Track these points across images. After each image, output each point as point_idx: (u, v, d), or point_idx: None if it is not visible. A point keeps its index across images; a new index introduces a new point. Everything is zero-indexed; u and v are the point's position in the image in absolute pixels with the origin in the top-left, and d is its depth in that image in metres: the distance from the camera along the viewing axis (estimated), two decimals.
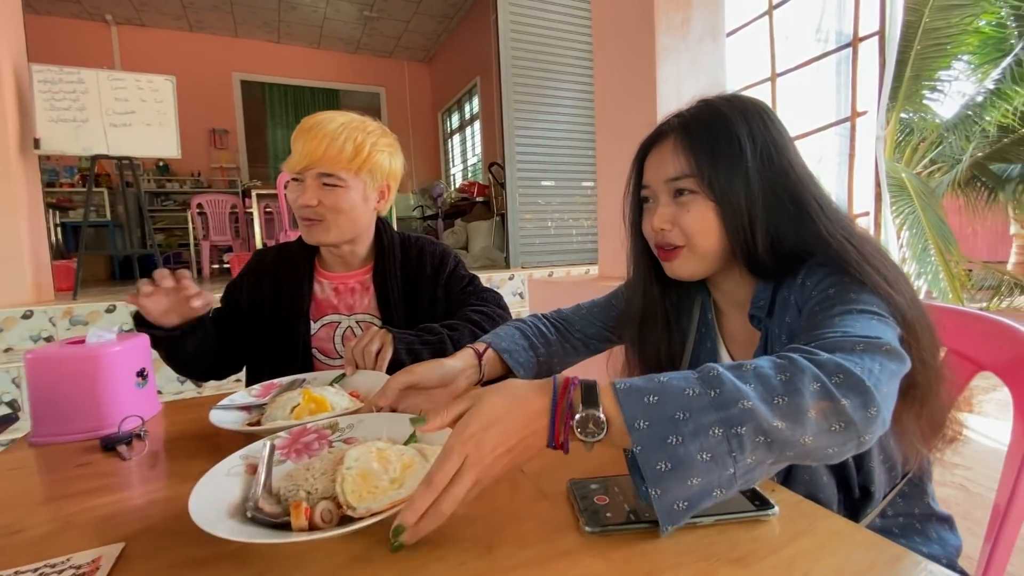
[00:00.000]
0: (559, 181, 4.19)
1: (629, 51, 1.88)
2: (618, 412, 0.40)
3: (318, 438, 0.54)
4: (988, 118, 5.33)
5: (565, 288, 2.10)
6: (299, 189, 0.94)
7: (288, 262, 1.06)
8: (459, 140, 7.68)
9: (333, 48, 7.41)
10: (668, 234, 0.65)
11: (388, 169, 1.00)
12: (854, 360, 0.41)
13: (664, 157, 0.64)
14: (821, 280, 0.56)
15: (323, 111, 0.95)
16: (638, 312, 0.76)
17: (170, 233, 6.57)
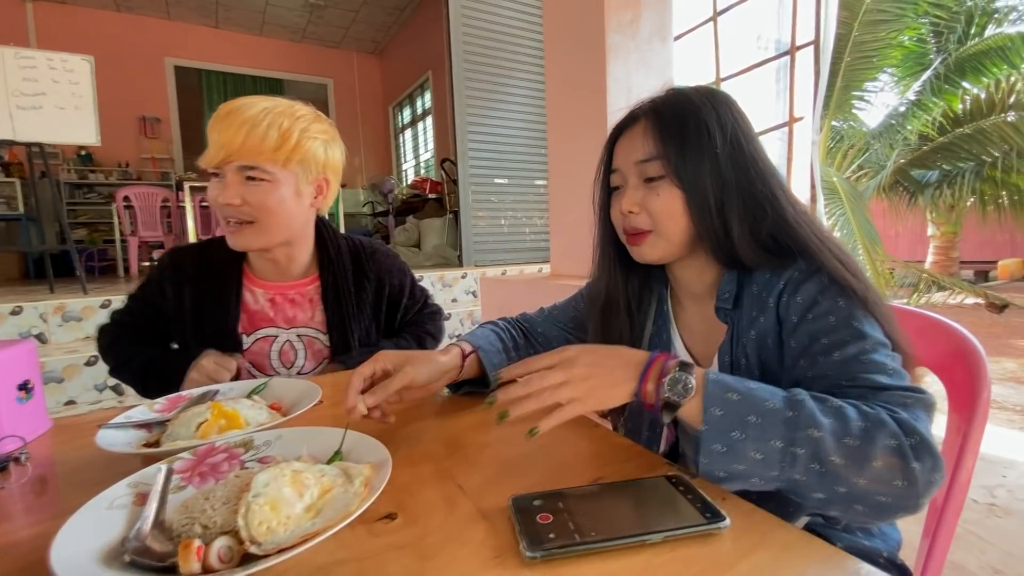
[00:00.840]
0: (512, 179, 4.16)
1: (579, 47, 1.87)
2: (702, 393, 0.45)
3: (228, 459, 0.47)
4: (909, 127, 5.75)
5: (517, 287, 2.07)
6: (219, 186, 0.83)
7: (213, 269, 0.94)
8: (411, 135, 7.52)
9: (276, 36, 7.07)
10: (636, 218, 0.64)
11: (324, 160, 0.90)
12: (918, 418, 0.44)
13: (634, 140, 0.64)
14: (815, 301, 0.55)
15: (245, 96, 0.84)
16: (602, 298, 0.75)
17: (94, 228, 6.06)
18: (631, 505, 0.41)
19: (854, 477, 0.41)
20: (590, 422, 0.62)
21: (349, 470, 0.45)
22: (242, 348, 0.93)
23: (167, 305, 0.93)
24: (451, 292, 3.54)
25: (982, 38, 5.62)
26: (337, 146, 0.93)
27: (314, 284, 0.97)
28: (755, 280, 0.61)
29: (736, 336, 0.63)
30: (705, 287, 0.68)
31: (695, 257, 0.67)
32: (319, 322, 0.96)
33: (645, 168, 0.63)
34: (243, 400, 0.60)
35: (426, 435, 0.60)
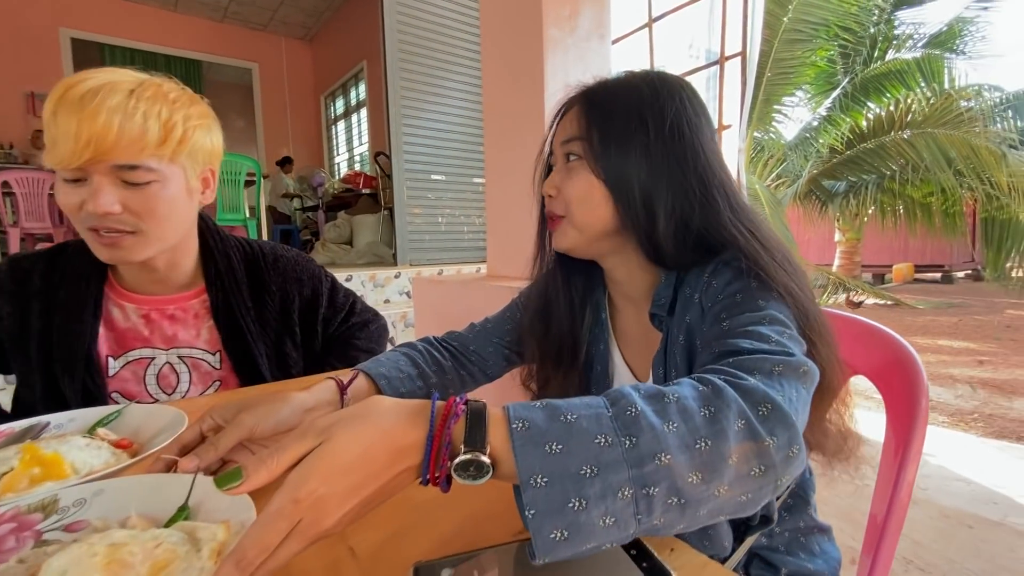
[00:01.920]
0: (450, 176, 4.04)
1: (517, 41, 1.80)
2: (511, 457, 0.30)
3: (16, 530, 0.34)
4: (821, 141, 6.21)
5: (452, 288, 1.97)
6: (83, 192, 0.66)
7: (67, 281, 0.76)
8: (344, 127, 7.18)
9: (194, 13, 6.50)
10: (552, 201, 0.61)
11: (211, 149, 0.76)
12: (776, 387, 0.36)
13: (566, 121, 0.60)
14: (729, 283, 0.50)
15: (85, 71, 0.66)
16: (542, 295, 0.69)
17: None
18: (562, 568, 0.34)
19: (715, 488, 0.31)
20: None
21: (197, 532, 0.34)
22: (106, 374, 0.77)
23: (2, 326, 0.75)
24: (383, 292, 3.37)
25: (884, 61, 6.17)
26: (218, 130, 0.79)
27: (200, 298, 0.83)
28: (688, 282, 0.56)
29: (671, 345, 0.57)
30: (641, 290, 0.63)
31: (625, 255, 0.61)
32: (206, 341, 0.82)
33: (567, 148, 0.59)
34: (76, 438, 0.46)
35: None
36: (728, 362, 0.39)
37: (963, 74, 5.81)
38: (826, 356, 0.49)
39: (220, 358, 0.82)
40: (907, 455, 0.57)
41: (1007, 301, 6.23)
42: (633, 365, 0.66)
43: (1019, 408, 2.66)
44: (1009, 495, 1.68)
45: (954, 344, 4.19)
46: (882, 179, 5.96)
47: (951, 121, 4.81)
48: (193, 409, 0.69)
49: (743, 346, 0.41)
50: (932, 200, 5.85)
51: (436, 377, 0.68)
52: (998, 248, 5.19)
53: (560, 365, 0.67)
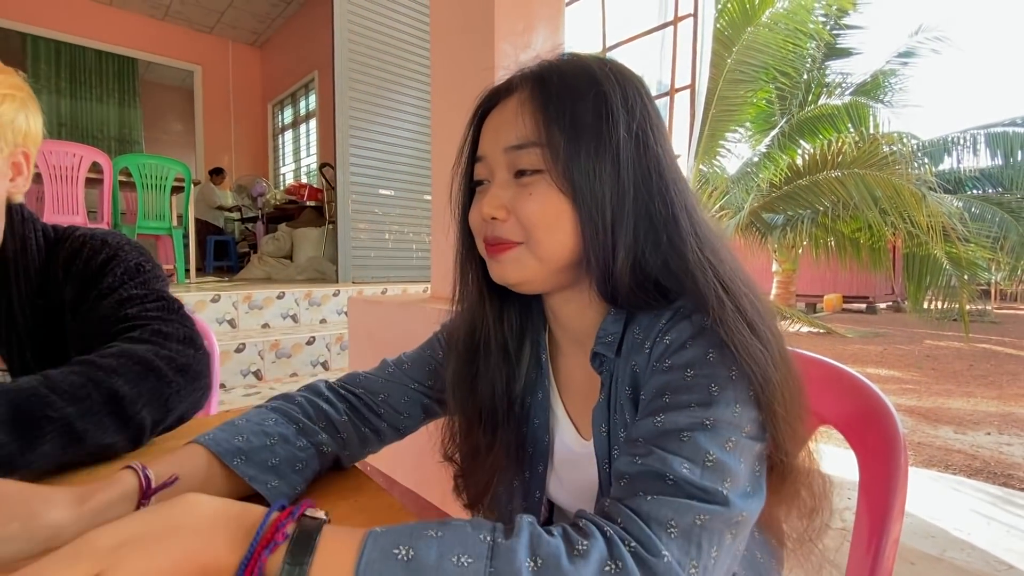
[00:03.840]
0: (399, 191, 3.91)
1: (468, 54, 1.73)
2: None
3: None
4: (761, 176, 6.53)
5: (390, 310, 1.83)
6: None
7: None
8: (292, 137, 6.91)
9: (132, 8, 6.12)
10: (500, 226, 0.46)
11: (25, 128, 0.61)
12: (689, 559, 0.31)
13: (507, 118, 0.46)
14: (683, 345, 0.41)
15: None
16: (465, 338, 0.55)
17: None
18: None
19: None
20: None
21: None
22: None
23: None
24: (320, 312, 3.15)
25: (816, 105, 6.62)
26: (37, 109, 0.64)
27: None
28: (639, 322, 0.46)
29: (614, 396, 0.47)
30: (589, 330, 0.51)
31: (577, 288, 0.49)
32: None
33: (517, 158, 0.45)
34: None
35: None
36: (646, 500, 0.33)
37: (886, 120, 6.33)
38: (788, 430, 0.40)
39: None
40: (888, 518, 0.50)
41: (926, 332, 6.71)
42: (576, 418, 0.54)
43: (944, 436, 2.77)
44: (944, 527, 1.70)
45: (881, 372, 4.40)
46: (816, 214, 6.32)
47: (877, 163, 5.17)
48: None
49: (671, 472, 0.34)
50: (860, 235, 6.26)
51: (326, 434, 0.51)
52: (918, 282, 5.58)
53: (491, 429, 0.54)
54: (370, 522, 0.30)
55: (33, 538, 0.30)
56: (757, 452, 0.38)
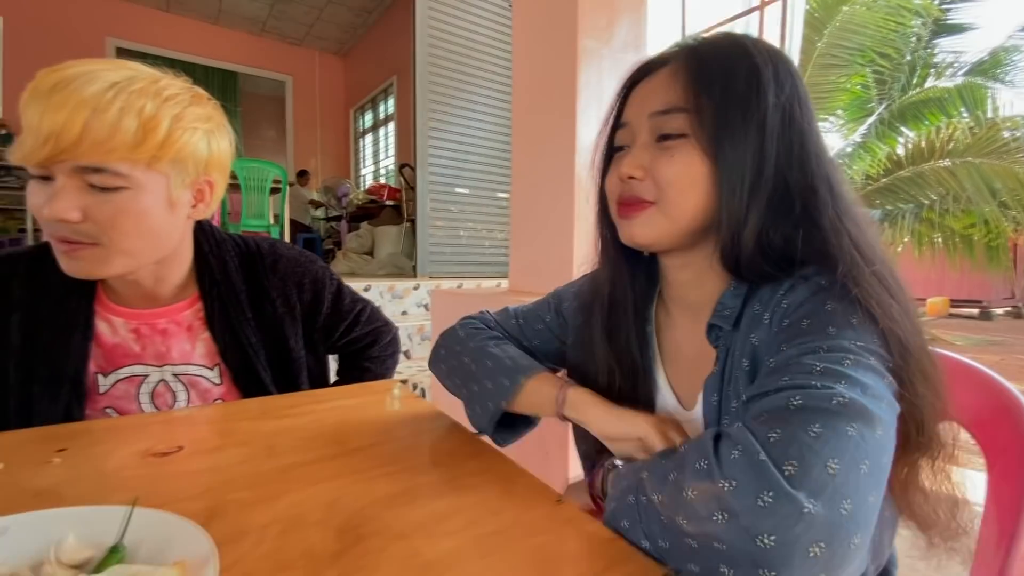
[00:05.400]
0: (473, 189, 4.01)
1: (549, 50, 1.75)
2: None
3: None
4: (855, 167, 6.03)
5: (473, 301, 1.90)
6: (46, 193, 0.57)
7: (54, 290, 0.67)
8: (372, 140, 7.28)
9: (234, 27, 6.71)
10: (637, 186, 0.49)
11: (207, 156, 0.66)
12: (800, 440, 0.32)
13: (655, 86, 0.50)
14: (801, 304, 0.42)
15: (71, 60, 0.59)
16: (608, 294, 0.59)
17: (9, 215, 5.45)
18: None
19: (678, 518, 0.34)
20: (545, 494, 0.45)
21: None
22: (96, 392, 0.70)
23: None
24: (402, 304, 3.32)
25: (922, 89, 6.00)
26: (224, 135, 0.70)
27: (193, 308, 0.74)
28: (759, 297, 0.47)
29: (729, 368, 0.48)
30: (705, 298, 0.52)
31: (698, 253, 0.51)
32: (202, 356, 0.74)
33: (662, 122, 0.48)
34: None
35: (314, 511, 0.41)
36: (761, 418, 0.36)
37: (1008, 103, 5.60)
38: (927, 401, 0.39)
39: (219, 372, 0.75)
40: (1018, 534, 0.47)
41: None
42: (679, 388, 0.56)
43: None
44: None
45: None
46: (920, 208, 5.74)
47: (996, 151, 4.62)
48: (165, 421, 0.62)
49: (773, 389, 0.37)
50: (974, 232, 5.61)
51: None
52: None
53: (632, 382, 0.57)
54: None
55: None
56: (889, 384, 0.37)
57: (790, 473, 0.30)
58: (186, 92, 0.65)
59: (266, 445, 0.53)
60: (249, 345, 0.74)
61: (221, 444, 0.54)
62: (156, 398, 0.72)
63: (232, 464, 0.48)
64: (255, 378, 0.75)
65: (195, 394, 0.74)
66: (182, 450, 0.51)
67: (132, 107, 0.58)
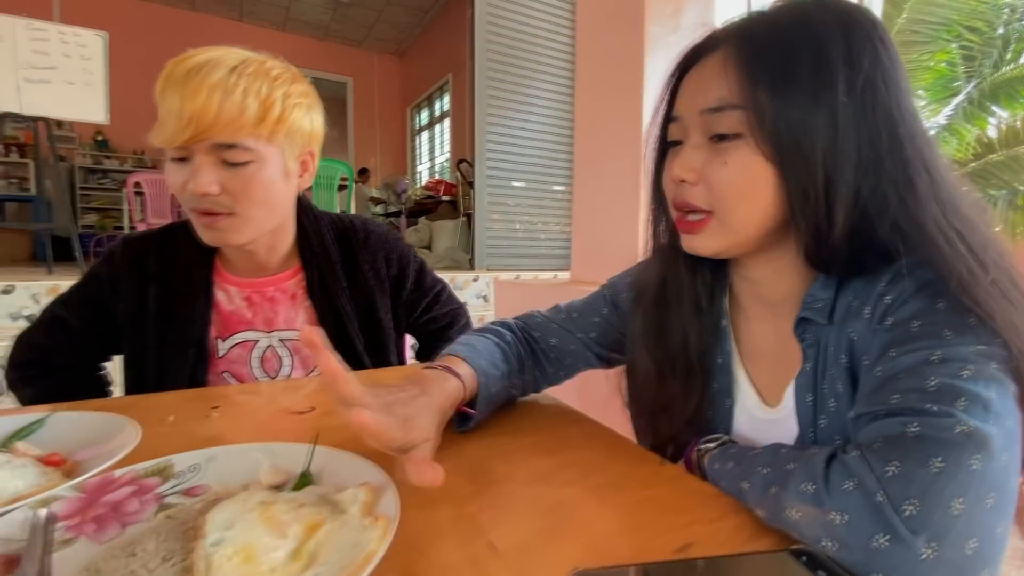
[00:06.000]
0: (530, 183, 4.05)
1: (615, 38, 1.75)
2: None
3: (136, 493, 0.33)
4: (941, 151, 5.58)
5: (537, 291, 1.94)
6: (185, 171, 0.66)
7: (180, 264, 0.78)
8: (427, 137, 7.46)
9: (300, 32, 7.06)
10: (689, 190, 0.45)
11: (310, 131, 0.74)
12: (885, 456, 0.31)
13: (705, 77, 0.44)
14: (904, 302, 0.39)
15: (194, 49, 0.67)
16: (657, 288, 0.56)
17: (106, 214, 6.03)
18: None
19: (780, 524, 0.35)
20: (648, 457, 0.48)
21: (330, 497, 0.32)
22: (216, 355, 0.79)
23: (121, 308, 0.77)
24: (461, 295, 3.40)
25: (1017, 64, 5.46)
26: (319, 111, 0.77)
27: (296, 278, 0.82)
28: (853, 289, 0.44)
29: (822, 365, 0.45)
30: (785, 293, 0.49)
31: (778, 252, 0.47)
32: (304, 323, 0.82)
33: (714, 121, 0.43)
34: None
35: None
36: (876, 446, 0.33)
37: None
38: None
39: None
40: None
41: None
42: (760, 385, 0.53)
43: None
44: None
45: None
46: (1014, 195, 5.24)
47: None
48: (295, 387, 0.70)
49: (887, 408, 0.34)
50: None
51: (517, 378, 0.60)
52: None
53: (684, 380, 0.55)
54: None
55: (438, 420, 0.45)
56: (1014, 389, 0.34)
57: (910, 514, 0.29)
58: (287, 71, 0.73)
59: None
60: (344, 313, 0.81)
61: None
62: (265, 363, 0.81)
63: None
64: (350, 345, 0.82)
65: (298, 360, 0.82)
66: (314, 410, 0.58)
67: (252, 88, 0.65)
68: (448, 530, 0.35)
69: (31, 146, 5.34)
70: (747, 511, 0.38)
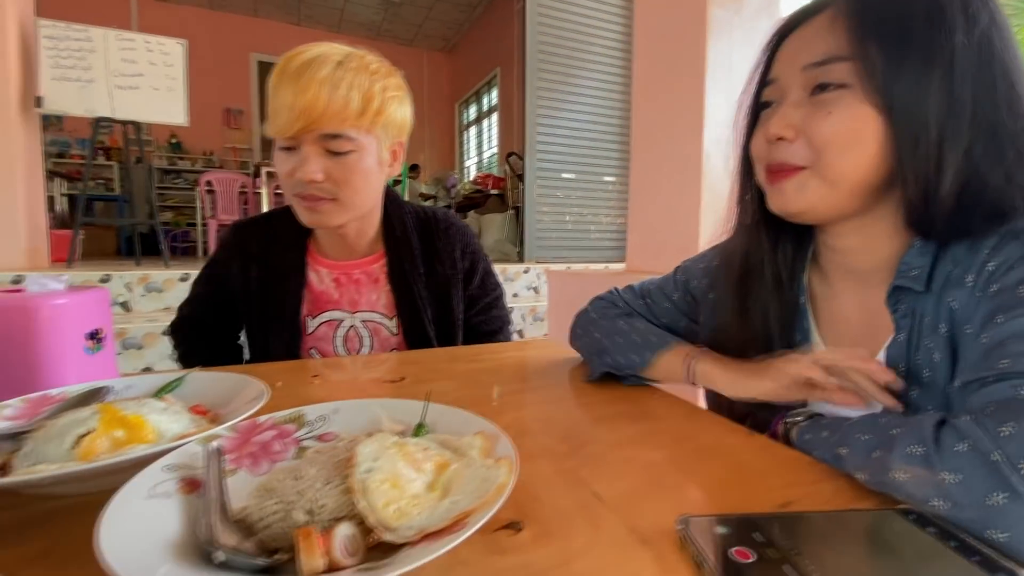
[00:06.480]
0: (580, 174, 4.03)
1: (676, 22, 1.72)
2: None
3: (278, 437, 0.38)
4: None
5: (592, 280, 1.95)
6: (294, 160, 0.72)
7: (278, 246, 0.85)
8: (475, 132, 7.54)
9: (353, 33, 7.28)
10: (786, 148, 0.45)
11: (401, 121, 0.79)
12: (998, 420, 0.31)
13: (809, 36, 0.45)
14: (1010, 268, 0.38)
15: (303, 45, 0.72)
16: (740, 263, 0.56)
17: (179, 212, 6.46)
18: (871, 549, 0.29)
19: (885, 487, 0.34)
20: (734, 427, 0.49)
21: (450, 443, 0.35)
22: (305, 332, 0.85)
23: (232, 286, 0.86)
24: (512, 287, 3.45)
25: None
26: (409, 103, 0.82)
27: (379, 263, 0.87)
28: (953, 255, 0.43)
29: (916, 335, 0.44)
30: (876, 262, 0.48)
31: (871, 216, 0.46)
32: (384, 306, 0.87)
33: (818, 75, 0.43)
34: (150, 402, 0.41)
35: (534, 425, 0.49)
36: (989, 410, 0.33)
37: None
38: None
39: (396, 324, 0.87)
40: None
41: None
42: None
43: None
44: None
45: None
46: None
47: None
48: (380, 361, 0.74)
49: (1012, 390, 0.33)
50: None
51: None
52: None
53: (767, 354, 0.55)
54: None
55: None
56: None
57: (998, 475, 0.29)
58: (383, 66, 0.78)
59: (469, 380, 0.62)
60: (420, 298, 0.86)
61: (433, 377, 0.64)
62: (347, 342, 0.87)
63: (448, 391, 0.58)
64: (422, 331, 0.86)
65: (377, 341, 0.87)
66: (404, 380, 0.62)
67: (355, 83, 0.71)
68: (553, 480, 0.37)
69: (115, 149, 5.81)
70: (845, 476, 0.38)
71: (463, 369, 0.68)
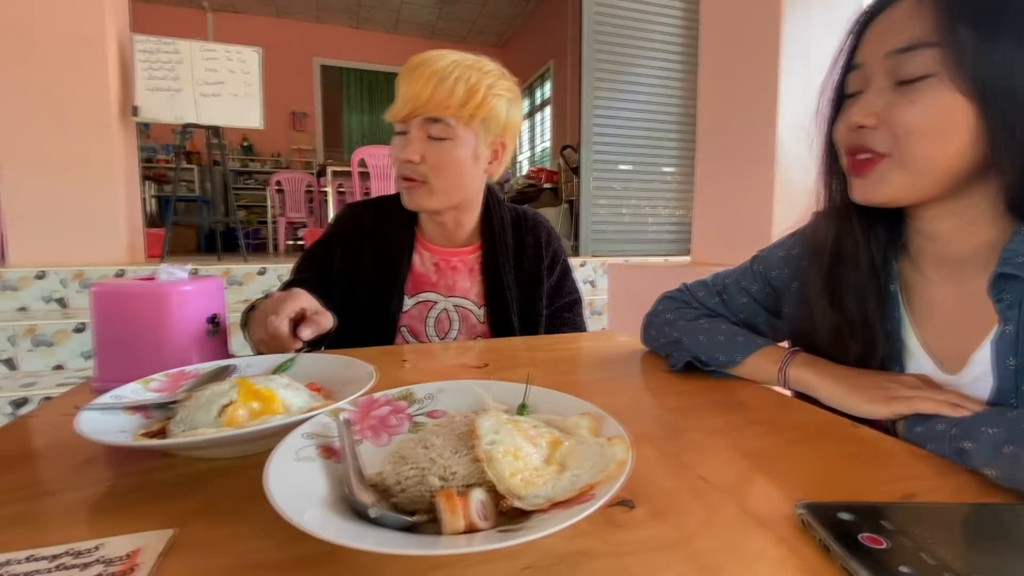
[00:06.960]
0: (637, 166, 3.95)
1: (747, 6, 1.65)
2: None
3: (393, 412, 0.40)
4: None
5: (655, 273, 1.91)
6: (403, 142, 0.80)
7: (391, 224, 0.92)
8: (527, 127, 7.53)
9: (409, 33, 7.46)
10: (868, 135, 0.46)
11: (505, 121, 0.83)
12: None
13: (894, 21, 0.44)
14: None
15: (435, 50, 0.80)
16: (830, 251, 0.55)
17: (250, 211, 6.89)
18: (1009, 545, 0.28)
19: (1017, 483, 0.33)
20: (834, 418, 0.47)
21: (557, 422, 0.37)
22: (403, 309, 0.90)
23: (334, 266, 0.91)
24: None
25: None
26: (518, 107, 0.86)
27: (476, 254, 0.92)
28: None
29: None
30: (971, 249, 0.47)
31: (962, 202, 0.46)
32: (476, 294, 0.91)
33: (903, 61, 0.43)
34: (276, 378, 0.45)
35: (625, 411, 0.49)
36: None
37: None
38: None
39: (485, 313, 0.90)
40: None
41: None
42: (936, 349, 0.50)
43: None
44: None
45: None
46: None
47: None
48: (465, 348, 0.76)
49: None
50: None
51: None
52: None
53: (868, 341, 0.52)
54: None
55: None
56: None
57: None
58: (498, 68, 0.84)
59: (551, 368, 0.64)
60: (508, 290, 0.89)
61: (514, 364, 0.66)
62: (437, 324, 0.91)
63: (533, 378, 0.59)
64: (507, 322, 0.89)
65: (465, 327, 0.91)
66: (488, 366, 0.64)
67: (463, 77, 0.77)
68: (657, 463, 0.38)
69: (195, 153, 6.26)
70: (966, 472, 0.36)
71: (543, 357, 0.69)
